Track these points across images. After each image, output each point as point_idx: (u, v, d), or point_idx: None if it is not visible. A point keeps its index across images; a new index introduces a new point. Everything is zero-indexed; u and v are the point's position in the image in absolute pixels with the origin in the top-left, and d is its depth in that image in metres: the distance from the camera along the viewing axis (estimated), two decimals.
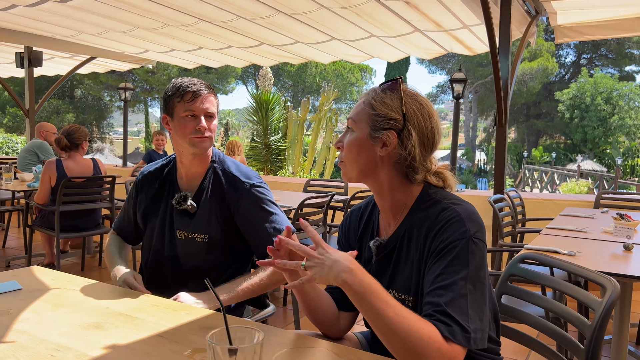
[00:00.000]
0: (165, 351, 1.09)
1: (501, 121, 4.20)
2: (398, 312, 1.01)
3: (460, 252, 1.08)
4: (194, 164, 1.75)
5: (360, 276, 1.03)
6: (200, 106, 1.68)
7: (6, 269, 4.69)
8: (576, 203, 4.45)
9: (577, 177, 19.43)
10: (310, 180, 5.16)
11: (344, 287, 1.03)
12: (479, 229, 1.11)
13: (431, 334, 1.00)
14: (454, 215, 1.12)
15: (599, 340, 1.18)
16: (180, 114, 1.68)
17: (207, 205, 1.73)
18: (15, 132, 23.60)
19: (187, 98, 1.67)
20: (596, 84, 29.20)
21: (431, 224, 1.14)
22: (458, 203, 1.16)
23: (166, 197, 1.79)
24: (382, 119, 1.18)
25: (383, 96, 1.20)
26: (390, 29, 4.68)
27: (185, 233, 1.74)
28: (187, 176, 1.77)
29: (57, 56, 7.20)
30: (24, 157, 5.65)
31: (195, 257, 1.74)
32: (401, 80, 1.22)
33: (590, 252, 2.21)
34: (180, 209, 1.74)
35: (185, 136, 1.68)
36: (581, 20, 4.58)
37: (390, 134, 1.18)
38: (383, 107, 1.18)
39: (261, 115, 11.42)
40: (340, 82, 30.63)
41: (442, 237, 1.11)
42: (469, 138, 39.25)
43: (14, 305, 1.35)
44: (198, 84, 1.70)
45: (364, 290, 1.02)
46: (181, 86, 1.69)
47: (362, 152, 1.21)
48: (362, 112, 1.21)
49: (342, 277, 1.02)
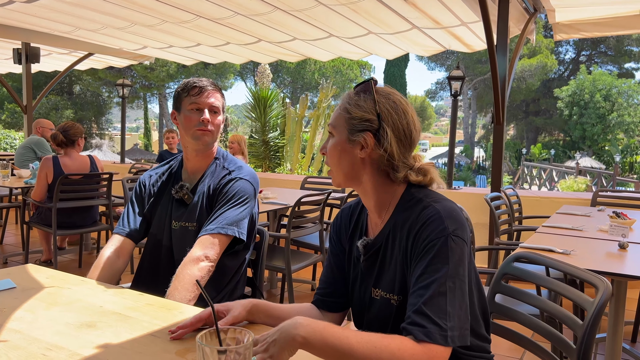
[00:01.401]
0: (158, 350, 1.10)
1: (499, 119, 4.20)
2: (360, 339, 1.00)
3: (440, 250, 1.08)
4: (198, 159, 1.84)
5: (309, 322, 1.01)
6: (205, 100, 1.77)
7: (4, 265, 4.69)
8: (574, 201, 4.46)
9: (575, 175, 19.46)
10: (307, 178, 5.16)
11: (305, 345, 0.99)
12: (458, 227, 1.11)
13: (400, 345, 1.00)
14: (433, 214, 1.12)
15: (591, 340, 1.18)
16: (186, 108, 1.78)
17: (200, 196, 1.80)
18: (14, 128, 23.55)
19: (193, 92, 1.78)
20: (595, 81, 29.19)
21: (412, 223, 1.15)
22: (438, 201, 1.16)
23: (169, 189, 1.86)
24: (358, 121, 1.20)
25: (357, 99, 1.22)
26: (388, 26, 4.68)
27: (179, 223, 1.81)
28: (192, 170, 1.86)
29: (54, 52, 7.19)
30: (21, 154, 5.65)
31: (187, 247, 1.76)
32: (373, 81, 1.23)
33: (586, 251, 2.21)
34: (177, 199, 1.82)
35: (190, 129, 1.77)
36: (580, 18, 4.58)
37: (367, 136, 1.19)
38: (357, 110, 1.20)
39: (259, 112, 11.41)
40: (339, 79, 30.59)
41: (422, 235, 1.12)
42: (468, 135, 39.27)
43: (7, 303, 1.35)
44: (205, 81, 1.81)
45: (321, 332, 1.00)
46: (189, 82, 1.80)
47: (343, 156, 1.23)
48: (339, 117, 1.24)
49: (297, 332, 0.99)
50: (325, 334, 1.00)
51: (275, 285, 4.23)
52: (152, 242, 1.87)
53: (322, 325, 1.02)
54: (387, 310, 1.21)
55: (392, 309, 1.19)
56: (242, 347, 0.86)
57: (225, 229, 1.69)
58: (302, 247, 3.96)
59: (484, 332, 1.27)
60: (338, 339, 0.99)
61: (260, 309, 1.26)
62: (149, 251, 1.88)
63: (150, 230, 1.88)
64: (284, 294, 3.84)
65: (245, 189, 1.79)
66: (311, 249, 3.83)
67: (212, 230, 1.68)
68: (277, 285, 4.22)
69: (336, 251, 1.38)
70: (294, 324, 1.01)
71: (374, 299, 1.25)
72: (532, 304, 1.45)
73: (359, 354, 0.99)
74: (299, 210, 3.39)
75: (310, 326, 1.00)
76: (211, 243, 1.66)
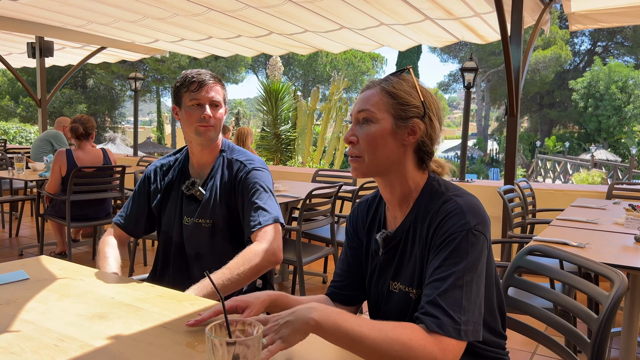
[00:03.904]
0: (168, 341, 1.10)
1: (512, 111, 4.15)
2: (372, 327, 1.00)
3: (459, 244, 1.07)
4: (204, 154, 1.81)
5: (323, 307, 1.01)
6: (206, 95, 1.74)
7: (19, 257, 4.75)
8: (588, 194, 4.40)
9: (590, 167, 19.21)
10: (318, 171, 5.15)
11: (317, 328, 0.99)
12: (480, 222, 1.10)
13: (412, 335, 0.99)
14: (455, 208, 1.11)
15: (606, 334, 1.17)
16: (187, 103, 1.75)
17: (213, 192, 1.79)
18: (29, 122, 23.83)
19: (192, 88, 1.73)
20: (611, 72, 28.72)
21: (433, 217, 1.14)
22: (460, 195, 1.15)
23: (178, 185, 1.85)
24: (407, 107, 1.17)
25: (403, 85, 1.19)
26: (400, 17, 4.63)
27: (192, 219, 1.79)
28: (199, 165, 1.84)
29: (68, 46, 7.24)
30: (38, 147, 5.70)
31: (199, 243, 1.79)
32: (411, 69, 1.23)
33: (601, 244, 2.18)
34: (189, 195, 1.80)
35: (192, 125, 1.74)
36: (596, 8, 4.49)
37: (417, 122, 1.18)
38: (406, 95, 1.18)
39: (271, 104, 11.39)
40: (351, 71, 30.43)
41: (442, 229, 1.10)
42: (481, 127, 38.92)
43: (21, 294, 1.36)
44: (204, 74, 1.75)
45: (335, 317, 1.00)
46: (187, 77, 1.75)
47: (386, 143, 1.17)
48: (379, 103, 1.18)
49: (311, 316, 0.98)
50: (338, 320, 0.99)
51: (287, 277, 4.24)
52: (163, 239, 1.87)
53: (335, 311, 1.01)
54: (405, 303, 1.20)
55: (411, 303, 1.18)
56: (251, 339, 0.85)
57: (279, 217, 1.73)
58: (313, 239, 3.95)
59: (500, 328, 1.26)
60: (350, 325, 0.99)
61: (278, 305, 1.24)
62: (161, 247, 1.88)
63: (161, 228, 1.88)
64: (295, 286, 3.84)
65: (264, 178, 1.79)
66: (322, 242, 3.83)
67: (266, 221, 1.69)
68: (288, 277, 4.23)
69: (353, 244, 1.37)
70: (308, 307, 1.00)
71: (392, 292, 1.24)
72: (546, 297, 1.43)
73: (370, 342, 0.98)
74: (310, 203, 3.38)
75: (323, 311, 1.00)
76: (272, 234, 1.68)
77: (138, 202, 1.89)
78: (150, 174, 1.89)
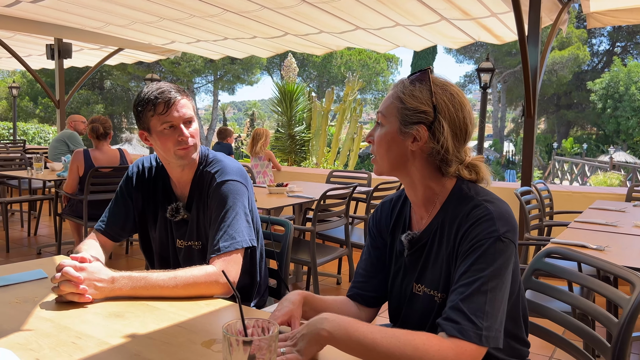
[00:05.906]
0: (184, 341, 1.10)
1: (529, 112, 4.10)
2: (384, 334, 1.00)
3: (487, 250, 1.05)
4: (184, 173, 1.68)
5: (335, 317, 1.01)
6: (177, 115, 1.57)
7: (37, 256, 4.82)
8: (607, 196, 4.33)
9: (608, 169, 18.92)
10: (333, 172, 5.15)
11: (330, 339, 0.99)
12: (509, 229, 1.08)
13: (425, 341, 0.98)
14: (485, 214, 1.09)
15: (627, 339, 1.14)
16: (157, 128, 1.58)
17: (195, 212, 1.67)
18: (47, 123, 24.20)
19: (160, 110, 1.56)
20: (630, 72, 28.27)
21: (462, 221, 1.12)
22: (491, 201, 1.12)
23: (162, 204, 1.73)
24: (412, 112, 1.15)
25: (412, 89, 1.16)
26: (416, 17, 4.61)
27: (184, 242, 1.71)
28: (180, 183, 1.71)
29: (86, 48, 7.33)
30: (54, 147, 5.79)
31: (194, 264, 1.58)
32: (430, 70, 1.17)
33: (620, 247, 2.14)
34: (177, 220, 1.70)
35: (169, 150, 1.59)
36: (615, 7, 4.42)
37: (421, 128, 1.14)
38: (412, 100, 1.15)
39: (285, 106, 11.42)
40: (365, 72, 30.38)
41: (471, 234, 1.08)
42: (497, 129, 38.56)
43: (39, 293, 1.38)
44: (167, 91, 1.57)
45: (346, 327, 1.00)
46: (150, 98, 1.57)
47: (392, 147, 1.18)
48: (391, 106, 1.18)
49: (323, 327, 0.99)
50: (349, 329, 0.99)
51: (301, 278, 4.24)
52: (159, 260, 1.79)
53: (347, 321, 1.01)
54: (429, 306, 1.18)
55: (435, 306, 1.17)
56: (267, 338, 0.85)
57: (237, 243, 1.54)
58: (327, 240, 3.95)
59: (524, 335, 1.24)
60: (362, 333, 0.99)
61: (306, 303, 1.22)
62: (158, 267, 1.78)
63: (152, 245, 1.80)
64: (309, 287, 3.84)
65: (235, 191, 1.61)
66: (336, 243, 3.82)
67: (226, 248, 1.52)
68: (302, 278, 4.23)
69: (376, 244, 1.35)
70: (320, 319, 1.01)
71: (415, 294, 1.22)
72: (564, 300, 1.41)
73: (383, 348, 0.98)
74: (324, 204, 3.38)
75: (335, 321, 1.00)
76: (228, 262, 1.51)
77: (124, 205, 1.73)
78: (134, 177, 1.76)
